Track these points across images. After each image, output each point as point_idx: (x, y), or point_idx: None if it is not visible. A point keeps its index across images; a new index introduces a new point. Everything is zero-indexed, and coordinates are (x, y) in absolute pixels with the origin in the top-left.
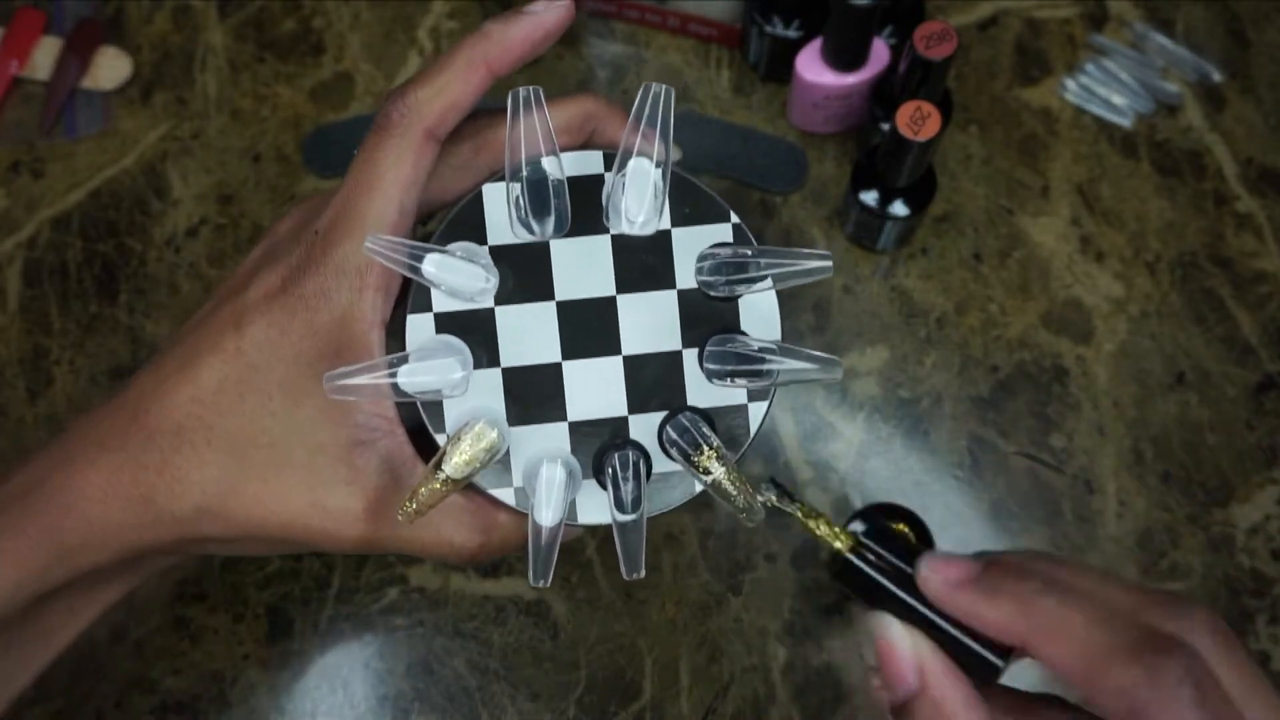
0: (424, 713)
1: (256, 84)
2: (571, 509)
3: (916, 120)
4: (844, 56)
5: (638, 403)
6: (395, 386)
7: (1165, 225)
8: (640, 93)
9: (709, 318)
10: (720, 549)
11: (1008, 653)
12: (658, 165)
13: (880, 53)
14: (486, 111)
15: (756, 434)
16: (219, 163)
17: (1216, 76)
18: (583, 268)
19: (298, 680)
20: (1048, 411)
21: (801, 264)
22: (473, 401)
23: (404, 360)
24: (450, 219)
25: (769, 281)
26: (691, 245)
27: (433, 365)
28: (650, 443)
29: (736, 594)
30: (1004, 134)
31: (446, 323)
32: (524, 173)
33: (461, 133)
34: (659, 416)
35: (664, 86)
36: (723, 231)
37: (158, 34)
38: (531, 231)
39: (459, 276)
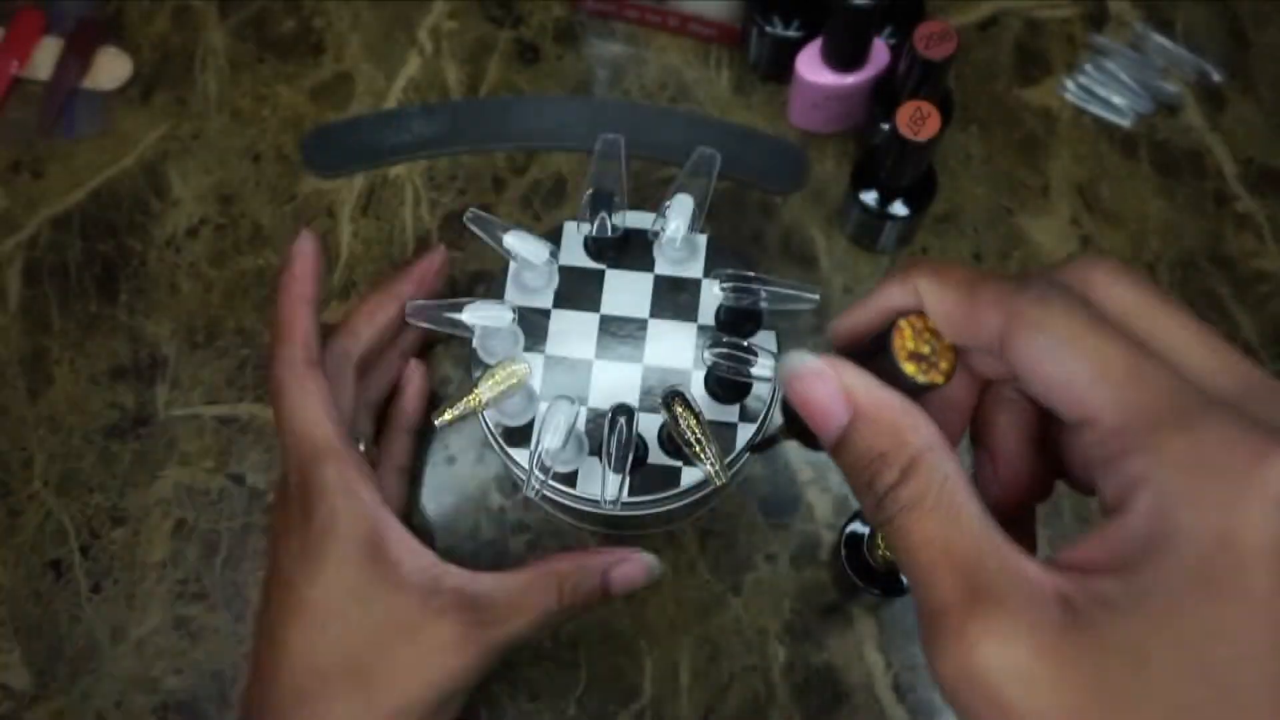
0: None
1: (256, 84)
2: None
3: (916, 120)
4: (844, 56)
5: (646, 404)
6: (461, 322)
7: (1165, 225)
8: (693, 156)
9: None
10: (720, 549)
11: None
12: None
13: (880, 53)
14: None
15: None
16: (219, 163)
17: (1216, 76)
18: (627, 293)
19: None
20: None
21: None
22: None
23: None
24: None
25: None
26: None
27: (492, 306)
28: (650, 438)
29: (737, 594)
30: (1004, 134)
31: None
32: (596, 213)
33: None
34: (659, 419)
35: (712, 152)
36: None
37: (158, 34)
38: (594, 256)
39: (529, 245)
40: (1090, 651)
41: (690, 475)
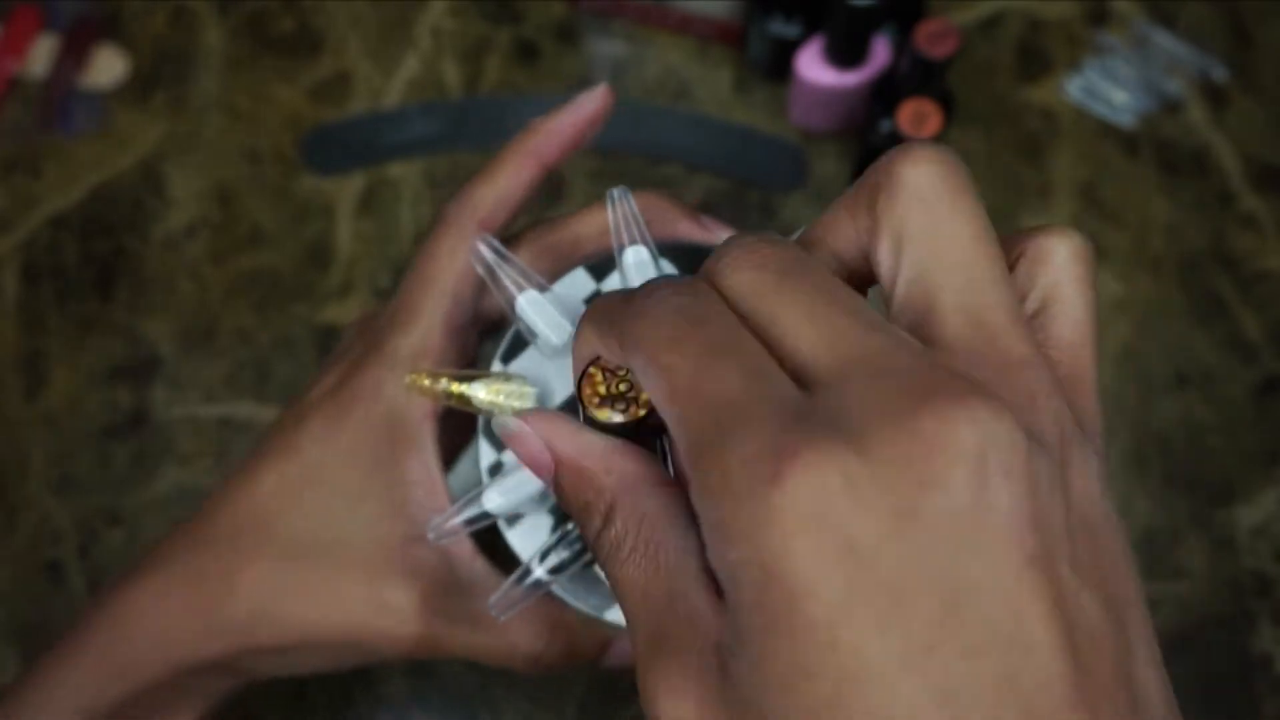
0: (423, 714)
1: (255, 83)
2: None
3: (917, 119)
4: (845, 55)
5: None
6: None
7: (1168, 225)
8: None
9: None
10: None
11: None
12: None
13: (881, 52)
14: (547, 221)
15: None
16: (217, 162)
17: (1219, 75)
18: None
19: (295, 682)
20: None
21: None
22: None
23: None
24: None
25: None
26: None
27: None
28: None
29: None
30: (1005, 133)
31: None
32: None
33: (522, 239)
34: None
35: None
36: None
37: (156, 32)
38: None
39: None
40: (735, 702)
41: None
